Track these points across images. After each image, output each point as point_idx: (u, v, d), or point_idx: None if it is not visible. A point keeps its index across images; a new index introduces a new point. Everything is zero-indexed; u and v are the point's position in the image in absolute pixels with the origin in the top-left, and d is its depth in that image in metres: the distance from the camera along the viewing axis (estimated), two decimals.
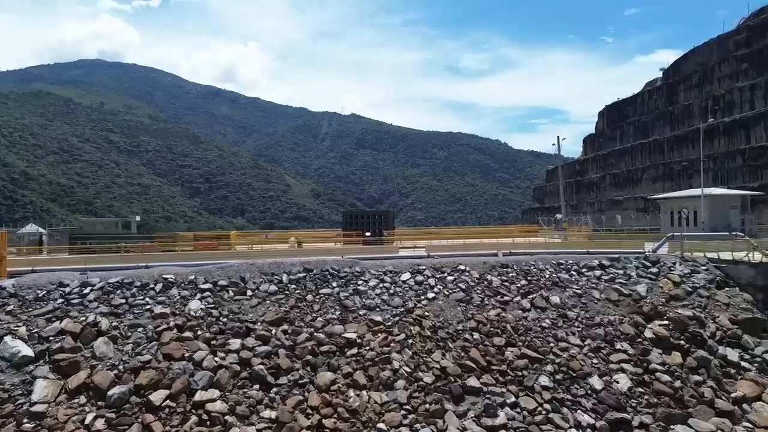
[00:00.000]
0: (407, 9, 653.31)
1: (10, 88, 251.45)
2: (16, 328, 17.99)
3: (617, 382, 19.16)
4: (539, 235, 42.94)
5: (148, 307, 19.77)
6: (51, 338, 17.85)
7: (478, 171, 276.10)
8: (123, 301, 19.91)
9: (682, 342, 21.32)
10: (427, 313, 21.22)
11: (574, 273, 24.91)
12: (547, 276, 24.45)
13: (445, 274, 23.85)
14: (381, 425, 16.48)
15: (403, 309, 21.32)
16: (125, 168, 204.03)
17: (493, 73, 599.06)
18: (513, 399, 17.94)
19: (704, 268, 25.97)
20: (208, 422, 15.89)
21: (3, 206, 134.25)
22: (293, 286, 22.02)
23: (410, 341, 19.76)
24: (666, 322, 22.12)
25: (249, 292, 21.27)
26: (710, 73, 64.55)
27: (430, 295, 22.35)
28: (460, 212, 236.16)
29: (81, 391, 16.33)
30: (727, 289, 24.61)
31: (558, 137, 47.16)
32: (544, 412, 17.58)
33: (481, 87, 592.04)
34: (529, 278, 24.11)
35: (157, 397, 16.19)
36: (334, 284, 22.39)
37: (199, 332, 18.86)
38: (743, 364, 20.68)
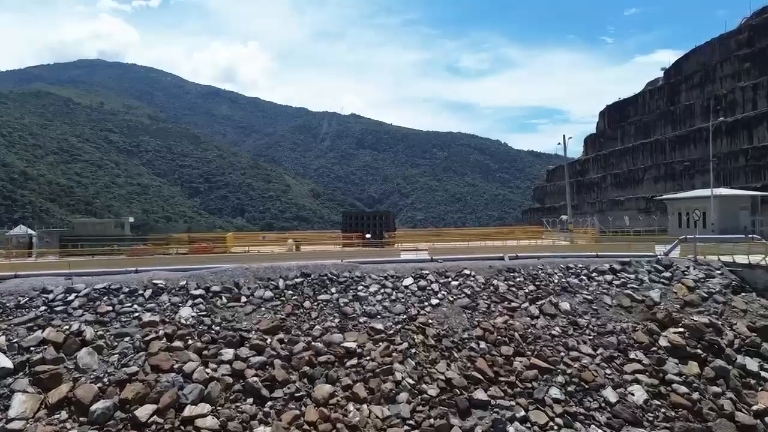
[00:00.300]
0: (407, 9, 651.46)
1: (10, 88, 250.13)
2: None
3: (632, 395, 18.14)
4: (544, 236, 41.87)
5: (136, 314, 18.73)
6: (32, 348, 16.83)
7: (478, 171, 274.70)
8: (110, 308, 18.87)
9: (699, 351, 20.29)
10: (430, 321, 20.18)
11: (583, 278, 23.86)
12: (555, 281, 23.39)
13: (449, 279, 22.81)
14: None
15: (405, 316, 20.28)
16: (125, 168, 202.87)
17: (493, 73, 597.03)
18: (522, 413, 16.91)
19: (719, 272, 24.94)
20: None
21: (2, 206, 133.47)
22: (290, 291, 20.97)
23: (413, 351, 18.73)
24: (681, 329, 21.10)
25: (243, 299, 20.22)
26: (712, 73, 63.85)
27: (434, 301, 21.31)
28: (460, 212, 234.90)
29: (62, 406, 15.31)
30: (743, 294, 23.61)
31: (564, 136, 46.13)
32: (555, 427, 16.56)
33: (481, 87, 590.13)
34: (537, 283, 23.06)
35: (144, 412, 15.15)
36: (333, 290, 21.34)
37: (190, 342, 17.82)
38: (763, 374, 19.65)
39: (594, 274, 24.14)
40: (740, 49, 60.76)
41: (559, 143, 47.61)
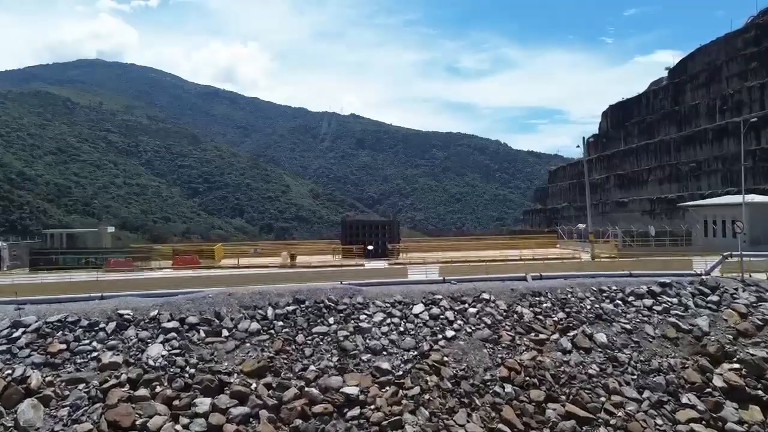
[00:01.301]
0: (407, 9, 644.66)
1: (9, 87, 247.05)
2: None
3: None
4: (560, 247, 38.75)
5: (95, 354, 15.72)
6: None
7: (477, 171, 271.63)
8: (63, 346, 15.86)
9: (760, 392, 17.32)
10: (446, 358, 17.16)
11: (619, 302, 20.80)
12: (588, 307, 20.34)
13: (466, 305, 19.75)
14: None
15: (416, 352, 17.26)
16: (123, 168, 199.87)
17: (492, 73, 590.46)
18: None
19: None
20: None
21: None
22: (280, 323, 17.92)
23: (426, 397, 15.71)
24: (737, 365, 18.12)
25: (225, 332, 17.18)
26: (718, 72, 61.64)
27: (449, 333, 18.28)
28: (459, 213, 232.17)
29: None
30: None
31: (583, 138, 43.24)
32: None
33: (481, 87, 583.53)
34: (566, 310, 20.01)
35: None
36: (331, 320, 18.28)
37: (158, 389, 14.81)
38: None
39: (631, 298, 21.08)
40: (747, 48, 58.89)
41: (579, 146, 44.81)
